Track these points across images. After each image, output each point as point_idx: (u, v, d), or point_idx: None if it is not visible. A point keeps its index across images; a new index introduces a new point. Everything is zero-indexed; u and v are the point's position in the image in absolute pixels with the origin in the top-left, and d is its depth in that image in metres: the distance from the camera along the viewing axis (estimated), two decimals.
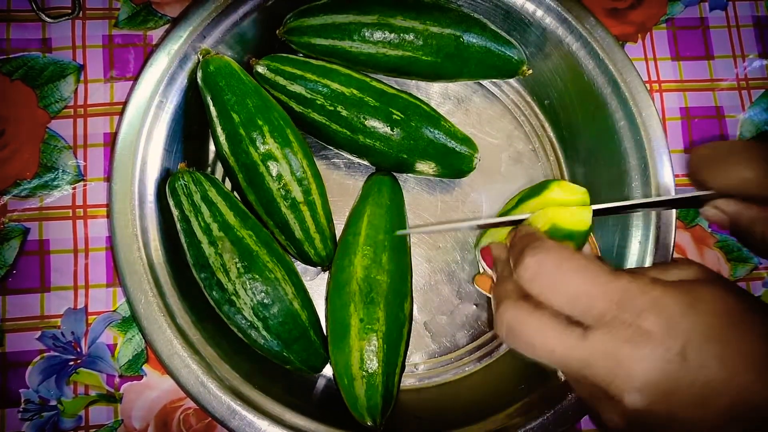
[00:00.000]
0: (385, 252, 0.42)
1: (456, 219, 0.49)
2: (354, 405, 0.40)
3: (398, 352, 0.41)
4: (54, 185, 0.47)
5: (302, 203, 0.42)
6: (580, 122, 0.48)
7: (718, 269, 0.50)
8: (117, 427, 0.44)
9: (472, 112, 0.51)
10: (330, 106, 0.43)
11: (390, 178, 0.46)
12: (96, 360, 0.45)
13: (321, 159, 0.49)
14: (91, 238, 0.47)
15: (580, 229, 0.35)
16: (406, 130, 0.44)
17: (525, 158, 0.51)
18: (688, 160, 0.35)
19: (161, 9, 0.50)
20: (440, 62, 0.45)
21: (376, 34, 0.44)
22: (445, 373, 0.47)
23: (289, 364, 0.41)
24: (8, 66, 0.48)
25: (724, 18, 0.54)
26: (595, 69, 0.45)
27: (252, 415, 0.38)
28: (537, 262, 0.28)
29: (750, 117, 0.53)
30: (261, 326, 0.39)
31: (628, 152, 0.45)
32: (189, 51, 0.43)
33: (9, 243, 0.46)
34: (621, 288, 0.27)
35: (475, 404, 0.44)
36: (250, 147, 0.41)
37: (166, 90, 0.43)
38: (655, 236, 0.43)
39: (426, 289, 0.48)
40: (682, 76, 0.53)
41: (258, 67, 0.44)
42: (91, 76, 0.49)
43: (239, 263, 0.39)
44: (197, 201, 0.40)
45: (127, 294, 0.40)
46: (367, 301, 0.40)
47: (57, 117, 0.48)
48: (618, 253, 0.44)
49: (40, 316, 0.45)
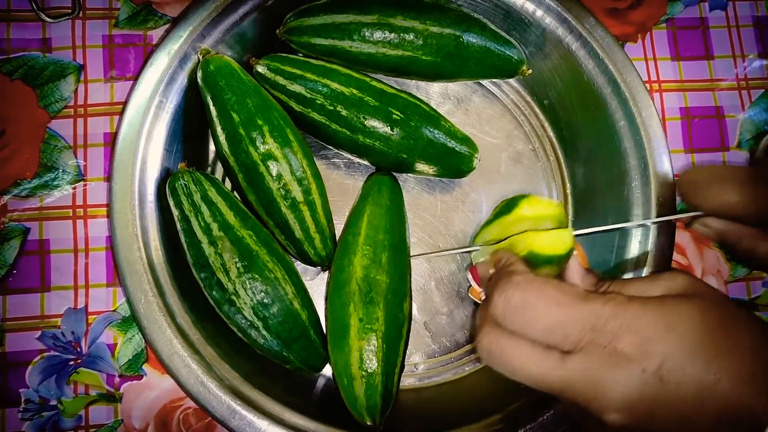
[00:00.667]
0: (385, 252, 0.42)
1: (456, 219, 0.49)
2: (353, 404, 0.40)
3: (397, 351, 0.41)
4: (54, 185, 0.47)
5: (302, 203, 0.42)
6: (580, 122, 0.48)
7: (718, 269, 0.50)
8: (117, 426, 0.45)
9: (472, 111, 0.51)
10: (330, 105, 0.43)
11: (390, 178, 0.46)
12: (96, 360, 0.45)
13: (321, 159, 0.49)
14: (91, 238, 0.47)
15: (558, 253, 0.35)
16: (406, 130, 0.44)
17: (525, 158, 0.51)
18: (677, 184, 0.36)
19: (161, 9, 0.50)
20: (440, 62, 0.45)
21: (376, 33, 0.44)
22: (444, 373, 0.47)
23: (289, 363, 0.41)
24: (8, 66, 0.48)
25: (724, 18, 0.54)
26: (595, 69, 0.46)
27: (252, 414, 0.38)
28: (504, 301, 0.29)
29: (750, 117, 0.53)
30: (261, 326, 0.39)
31: (628, 152, 0.45)
32: (189, 51, 0.43)
33: (9, 243, 0.46)
34: (594, 312, 0.27)
35: (474, 404, 0.44)
36: (250, 147, 0.41)
37: (166, 90, 0.43)
38: (655, 236, 0.43)
39: (426, 289, 0.48)
40: (682, 76, 0.53)
41: (258, 66, 0.44)
42: (91, 75, 0.49)
43: (239, 263, 0.39)
44: (197, 201, 0.40)
45: (127, 294, 0.40)
46: (366, 300, 0.40)
47: (57, 117, 0.48)
48: (618, 253, 0.44)
49: (40, 316, 0.45)
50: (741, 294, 0.50)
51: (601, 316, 0.27)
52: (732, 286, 0.50)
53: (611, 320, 0.27)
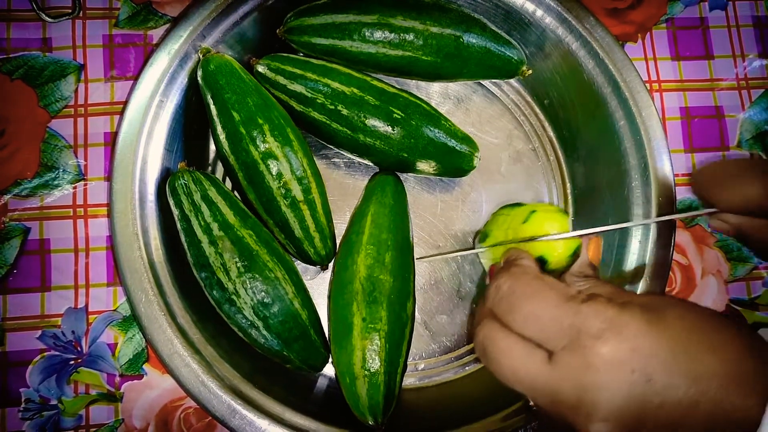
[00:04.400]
0: (389, 251, 0.42)
1: (456, 218, 0.49)
2: (356, 404, 0.40)
3: (400, 351, 0.41)
4: (54, 185, 0.47)
5: (302, 202, 0.42)
6: (580, 122, 0.49)
7: (718, 269, 0.50)
8: (117, 426, 0.45)
9: (472, 111, 0.51)
10: (330, 105, 0.43)
11: (393, 178, 0.46)
12: (96, 359, 0.45)
13: (321, 158, 0.49)
14: (91, 238, 0.47)
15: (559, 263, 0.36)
16: (407, 129, 0.44)
17: (525, 158, 0.51)
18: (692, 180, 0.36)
19: (161, 8, 0.50)
20: (440, 62, 0.45)
21: (377, 33, 0.44)
22: (445, 372, 0.47)
23: (290, 363, 0.41)
24: (8, 65, 0.48)
25: (724, 18, 0.54)
26: (595, 69, 0.46)
27: (252, 414, 0.38)
28: (496, 288, 0.29)
29: (750, 117, 0.53)
30: (261, 325, 0.40)
31: (628, 152, 0.45)
32: (189, 50, 0.43)
33: (9, 242, 0.46)
34: (574, 311, 0.27)
35: (475, 403, 0.44)
36: (250, 146, 0.41)
37: (167, 89, 0.43)
38: (655, 236, 0.43)
39: (426, 289, 0.48)
40: (682, 76, 0.53)
41: (258, 66, 0.44)
42: (91, 75, 0.49)
43: (239, 262, 0.39)
44: (197, 200, 0.40)
45: (128, 293, 0.40)
46: (369, 300, 0.40)
47: (57, 116, 0.48)
48: (618, 252, 0.44)
49: (40, 316, 0.45)
50: (741, 294, 0.50)
51: (581, 314, 0.26)
52: (732, 286, 0.50)
53: (593, 318, 0.26)
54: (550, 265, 0.36)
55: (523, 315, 0.28)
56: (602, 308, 0.26)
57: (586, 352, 0.26)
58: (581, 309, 0.27)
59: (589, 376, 0.25)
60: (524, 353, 0.27)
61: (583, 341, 0.26)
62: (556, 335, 0.27)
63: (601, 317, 0.26)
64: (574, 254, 0.36)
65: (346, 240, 0.44)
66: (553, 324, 0.27)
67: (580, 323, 0.26)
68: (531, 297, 0.28)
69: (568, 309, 0.27)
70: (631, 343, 0.25)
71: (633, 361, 0.25)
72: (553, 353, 0.27)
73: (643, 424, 0.25)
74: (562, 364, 0.26)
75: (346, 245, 0.44)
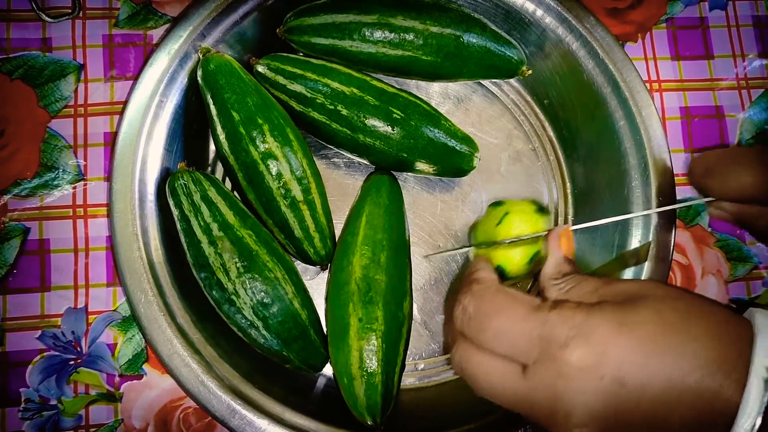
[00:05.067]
0: (384, 251, 0.42)
1: (456, 218, 0.49)
2: (354, 404, 0.40)
3: (397, 351, 0.41)
4: (54, 185, 0.47)
5: (302, 202, 0.42)
6: (580, 122, 0.49)
7: (718, 269, 0.50)
8: (117, 426, 0.44)
9: (472, 111, 0.51)
10: (330, 105, 0.43)
11: (388, 178, 0.46)
12: (96, 359, 0.45)
13: (321, 158, 0.49)
14: (91, 238, 0.47)
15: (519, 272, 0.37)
16: (406, 129, 0.44)
17: (525, 157, 0.51)
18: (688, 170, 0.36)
19: (161, 8, 0.50)
20: (440, 62, 0.45)
21: (377, 33, 0.44)
22: (445, 372, 0.47)
23: (289, 363, 0.41)
24: (8, 65, 0.48)
25: (723, 18, 0.54)
26: (595, 68, 0.46)
27: (252, 414, 0.38)
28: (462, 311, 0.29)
29: (750, 116, 0.53)
30: (261, 325, 0.39)
31: (628, 152, 0.45)
32: (189, 50, 0.43)
33: (9, 242, 0.46)
34: (541, 321, 0.26)
35: (475, 403, 0.44)
36: (249, 145, 0.41)
37: (167, 89, 0.43)
38: (655, 236, 0.43)
39: (426, 289, 0.48)
40: (681, 76, 0.53)
41: (258, 66, 0.44)
42: (91, 75, 0.49)
43: (239, 263, 0.39)
44: (197, 201, 0.40)
45: (128, 293, 0.40)
46: (365, 300, 0.40)
47: (57, 116, 0.48)
48: (618, 252, 0.44)
49: (40, 316, 0.45)
50: (741, 294, 0.50)
51: (548, 323, 0.26)
52: (732, 285, 0.50)
53: (561, 325, 0.26)
54: (510, 274, 0.36)
55: (492, 333, 0.28)
56: (570, 314, 0.26)
57: (556, 361, 0.25)
58: (549, 318, 0.26)
59: (560, 385, 0.25)
60: (498, 370, 0.28)
61: (552, 351, 0.26)
62: (526, 348, 0.26)
63: (569, 324, 0.26)
64: (531, 261, 0.36)
65: (342, 241, 0.44)
66: (522, 337, 0.27)
67: (548, 333, 0.26)
68: (496, 314, 0.28)
69: (535, 320, 0.27)
70: (599, 348, 0.25)
71: (602, 366, 0.25)
72: (526, 366, 0.27)
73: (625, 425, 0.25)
74: (534, 376, 0.26)
75: (341, 246, 0.44)
